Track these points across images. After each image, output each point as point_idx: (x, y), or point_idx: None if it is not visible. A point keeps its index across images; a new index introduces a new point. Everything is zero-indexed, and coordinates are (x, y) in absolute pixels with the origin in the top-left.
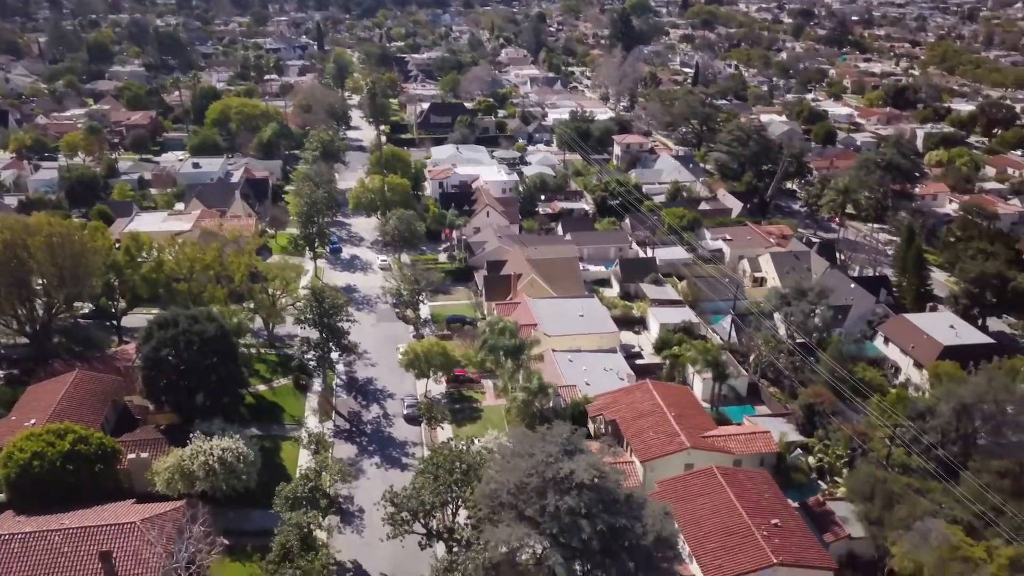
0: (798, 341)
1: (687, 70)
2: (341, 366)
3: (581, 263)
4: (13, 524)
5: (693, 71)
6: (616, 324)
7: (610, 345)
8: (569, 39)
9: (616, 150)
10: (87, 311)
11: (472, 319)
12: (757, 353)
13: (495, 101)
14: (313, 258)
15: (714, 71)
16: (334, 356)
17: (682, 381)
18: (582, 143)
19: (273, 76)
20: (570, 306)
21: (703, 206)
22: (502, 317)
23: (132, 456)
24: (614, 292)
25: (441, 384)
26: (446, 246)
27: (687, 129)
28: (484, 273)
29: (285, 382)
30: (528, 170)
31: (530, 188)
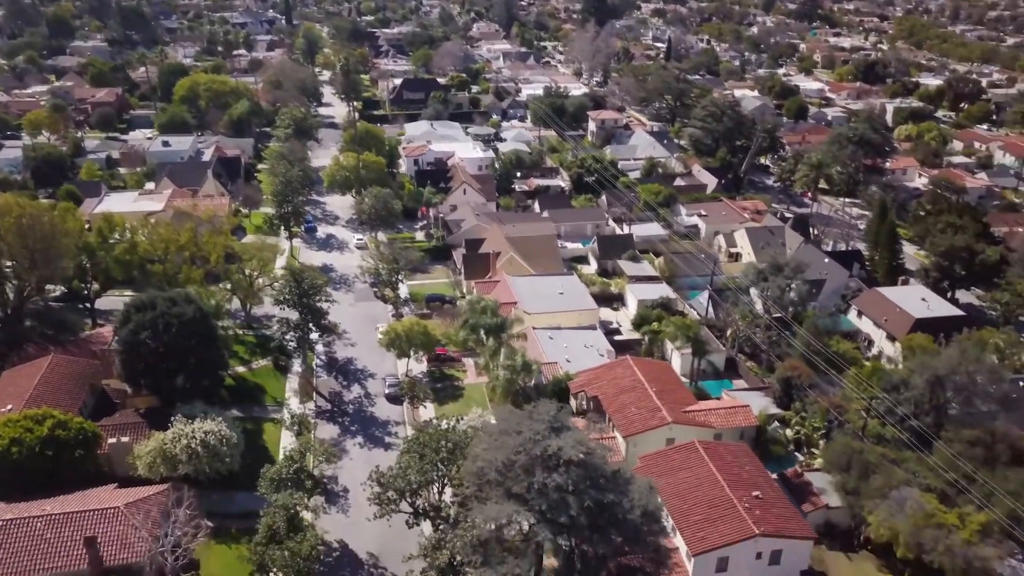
0: (775, 316)
1: (659, 45)
2: (320, 346)
3: (559, 240)
4: None
5: (665, 46)
6: (595, 301)
7: (590, 322)
8: (541, 13)
9: (591, 126)
10: (59, 294)
11: (451, 298)
12: (734, 328)
13: (468, 77)
14: (288, 237)
15: (686, 46)
16: (313, 337)
17: (661, 357)
18: (557, 119)
19: (242, 52)
20: (549, 284)
21: (678, 182)
22: (483, 296)
23: (112, 440)
24: (592, 269)
25: (422, 363)
26: (422, 224)
27: (661, 104)
28: (462, 251)
29: (265, 363)
30: (503, 147)
31: (506, 165)
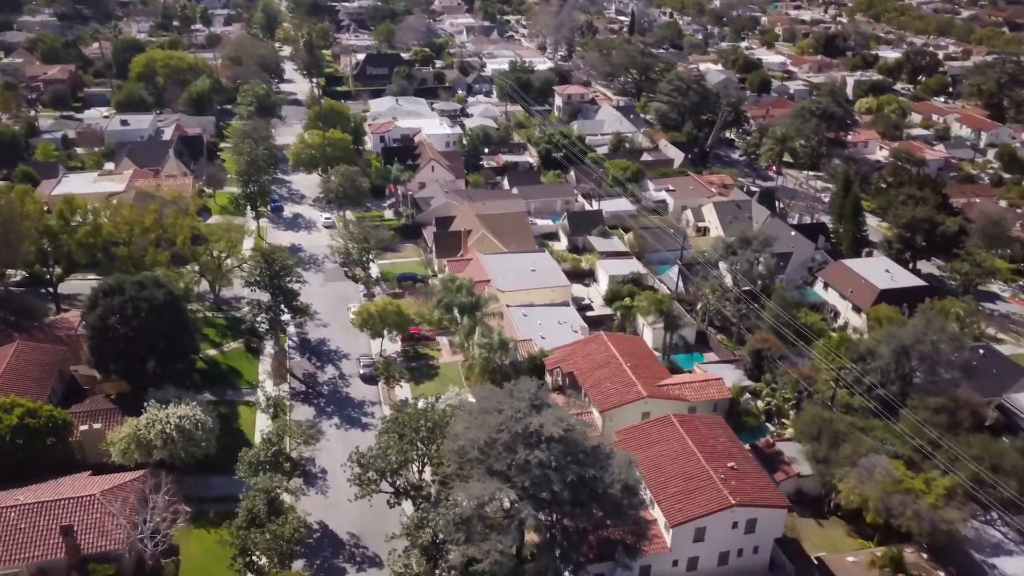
0: (744, 289)
1: (623, 18)
2: (292, 328)
3: (529, 217)
4: None
5: (629, 19)
6: (567, 277)
7: (563, 298)
8: None
9: (557, 101)
10: (20, 279)
11: (423, 276)
12: (704, 302)
13: (432, 51)
14: (256, 218)
15: (649, 19)
16: (285, 318)
17: (633, 332)
18: (523, 94)
19: (199, 27)
20: (522, 261)
21: (645, 157)
22: (456, 274)
23: (84, 427)
24: (563, 245)
25: (396, 343)
26: (391, 202)
27: (626, 79)
28: (433, 230)
29: (236, 346)
30: (470, 122)
31: (473, 141)
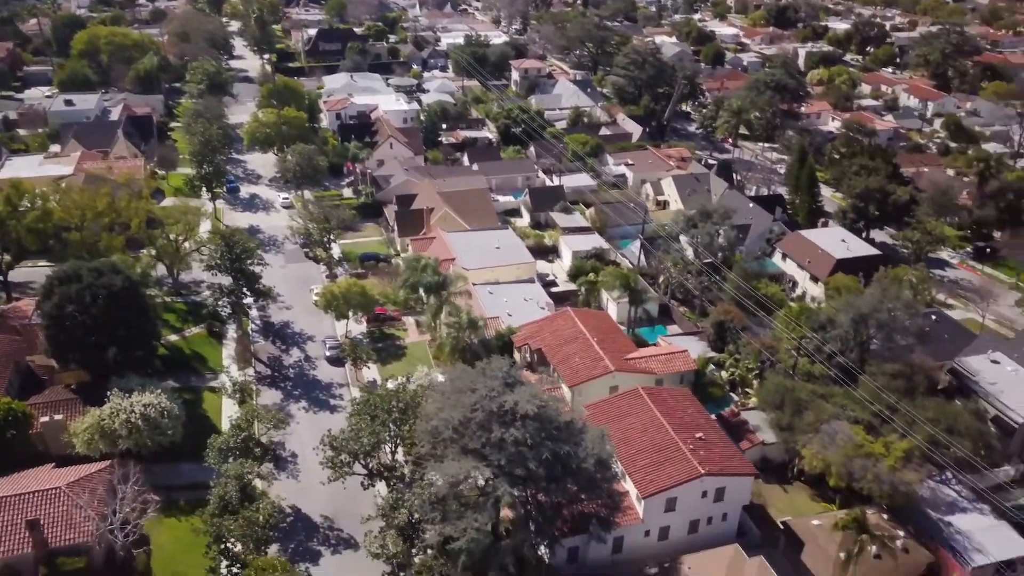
0: (705, 261)
1: None
2: (255, 311)
3: (491, 194)
4: None
5: None
6: (531, 254)
7: (527, 275)
8: None
9: (514, 75)
10: None
11: (386, 256)
12: (667, 275)
13: (385, 26)
14: (211, 199)
15: None
16: (247, 301)
17: (597, 306)
18: (479, 69)
19: (142, 1)
20: (486, 238)
21: (604, 131)
22: (420, 253)
23: (45, 419)
24: (525, 222)
25: (361, 324)
26: (349, 180)
27: (582, 53)
28: (394, 208)
29: (198, 331)
30: (427, 98)
31: (431, 117)
